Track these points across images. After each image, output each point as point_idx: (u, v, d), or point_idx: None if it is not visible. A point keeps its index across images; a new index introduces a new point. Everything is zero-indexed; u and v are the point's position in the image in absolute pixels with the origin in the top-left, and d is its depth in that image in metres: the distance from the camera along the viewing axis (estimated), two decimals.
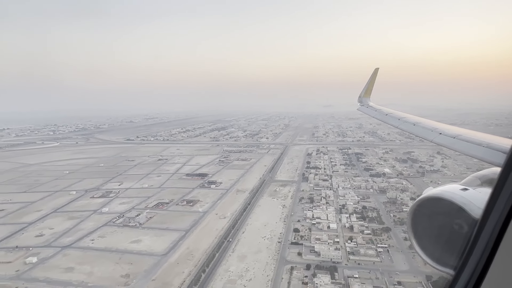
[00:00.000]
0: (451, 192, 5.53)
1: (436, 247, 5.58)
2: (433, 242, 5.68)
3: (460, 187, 5.71)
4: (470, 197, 5.27)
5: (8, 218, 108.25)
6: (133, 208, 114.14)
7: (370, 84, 26.71)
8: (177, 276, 71.37)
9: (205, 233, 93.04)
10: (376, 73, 26.89)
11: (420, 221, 5.95)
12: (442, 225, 5.70)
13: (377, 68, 26.88)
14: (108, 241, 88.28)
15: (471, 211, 4.99)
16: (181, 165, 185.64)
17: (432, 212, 5.80)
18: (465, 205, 5.14)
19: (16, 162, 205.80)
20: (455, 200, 5.30)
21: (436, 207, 5.68)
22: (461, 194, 5.41)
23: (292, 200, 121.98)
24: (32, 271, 73.74)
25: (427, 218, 5.92)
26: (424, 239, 5.79)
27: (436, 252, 5.50)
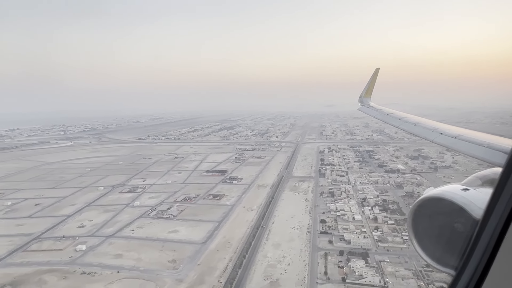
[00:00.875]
0: (452, 192, 5.58)
1: (437, 247, 5.62)
2: (434, 242, 5.73)
3: (461, 187, 5.77)
4: (471, 197, 5.28)
5: (46, 211, 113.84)
6: (163, 202, 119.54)
7: (371, 84, 26.90)
8: (219, 261, 76.75)
9: (237, 224, 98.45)
10: (376, 73, 27.13)
11: (421, 221, 6.00)
12: (443, 226, 5.72)
13: (378, 68, 27.14)
14: (148, 231, 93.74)
15: (472, 212, 4.99)
16: (198, 163, 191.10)
17: (433, 212, 5.85)
18: (466, 205, 5.14)
19: (37, 160, 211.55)
20: (456, 200, 5.32)
21: (437, 207, 5.72)
22: (462, 194, 5.45)
23: (313, 194, 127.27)
24: (85, 257, 79.21)
25: (427, 218, 5.96)
26: (425, 239, 5.85)
27: (437, 253, 5.54)
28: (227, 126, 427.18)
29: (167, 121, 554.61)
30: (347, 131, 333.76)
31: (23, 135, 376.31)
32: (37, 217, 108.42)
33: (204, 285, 67.31)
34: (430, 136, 12.54)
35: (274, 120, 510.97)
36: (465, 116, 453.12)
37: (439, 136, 11.94)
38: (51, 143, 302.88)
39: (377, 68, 26.96)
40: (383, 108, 21.56)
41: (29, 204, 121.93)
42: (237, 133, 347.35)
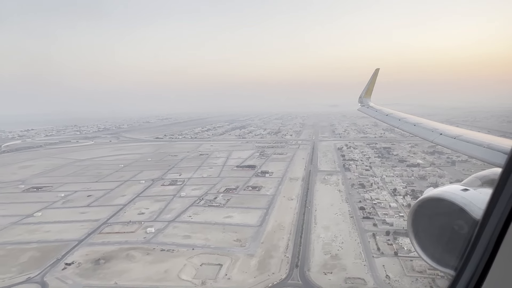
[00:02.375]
0: (452, 192, 5.67)
1: (436, 247, 5.69)
2: (434, 242, 5.80)
3: (460, 187, 5.86)
4: (470, 198, 5.32)
5: (100, 201, 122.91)
6: (207, 193, 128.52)
7: (371, 84, 26.94)
8: (279, 240, 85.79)
9: (283, 210, 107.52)
10: (376, 73, 27.24)
11: (421, 222, 6.09)
12: (443, 226, 5.81)
13: (378, 68, 27.27)
14: (204, 217, 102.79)
15: (472, 212, 5.03)
16: (225, 159, 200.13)
17: (432, 213, 5.94)
18: (465, 205, 5.19)
19: (67, 157, 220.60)
20: (456, 200, 5.38)
21: (437, 208, 5.81)
22: (462, 194, 5.50)
23: (344, 186, 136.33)
24: (157, 238, 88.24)
25: (428, 218, 6.05)
26: (425, 240, 5.93)
27: (437, 253, 5.63)
28: (238, 126, 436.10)
29: (176, 122, 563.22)
30: (358, 129, 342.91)
31: (41, 135, 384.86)
32: (95, 206, 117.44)
33: (273, 259, 76.29)
34: (430, 136, 12.57)
35: (282, 120, 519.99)
36: (470, 115, 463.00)
37: (439, 136, 11.95)
38: (72, 142, 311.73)
39: (377, 68, 27.19)
40: (383, 108, 21.78)
41: (81, 195, 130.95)
42: (251, 132, 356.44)
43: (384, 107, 22.42)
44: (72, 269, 73.27)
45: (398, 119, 17.08)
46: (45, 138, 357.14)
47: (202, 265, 74.04)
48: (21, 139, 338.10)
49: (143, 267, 73.20)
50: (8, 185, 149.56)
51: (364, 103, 25.26)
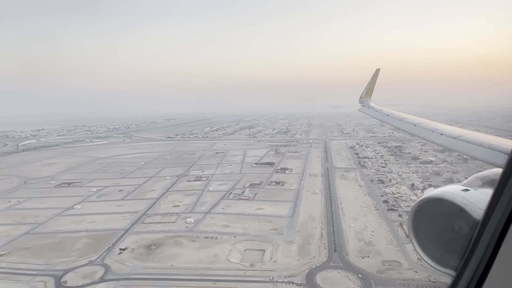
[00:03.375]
0: (452, 193, 5.69)
1: (437, 248, 5.71)
2: (434, 243, 5.82)
3: (461, 187, 5.88)
4: (471, 198, 5.36)
5: (133, 195, 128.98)
6: (233, 188, 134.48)
7: (371, 84, 26.85)
8: (313, 229, 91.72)
9: (310, 203, 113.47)
10: (377, 73, 27.08)
11: (421, 222, 6.12)
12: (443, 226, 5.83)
13: (378, 68, 27.13)
14: (237, 209, 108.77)
15: (472, 212, 5.05)
16: (242, 157, 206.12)
17: (433, 213, 5.96)
18: (466, 206, 5.22)
19: (86, 156, 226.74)
20: (456, 201, 5.41)
21: (437, 208, 5.83)
22: (462, 195, 5.53)
23: (364, 182, 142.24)
24: (198, 227, 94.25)
25: (428, 219, 6.07)
26: (425, 240, 5.96)
27: (437, 253, 5.65)
28: (246, 126, 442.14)
29: (182, 122, 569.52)
30: (366, 129, 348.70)
31: (53, 134, 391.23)
32: (129, 199, 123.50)
33: (311, 245, 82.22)
34: (430, 136, 12.57)
35: (288, 120, 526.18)
36: (474, 115, 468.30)
37: (440, 136, 11.96)
38: (86, 141, 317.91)
39: (377, 68, 27.06)
40: (383, 108, 21.63)
41: (112, 190, 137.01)
42: (260, 132, 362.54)
43: (384, 107, 22.41)
44: (128, 253, 79.28)
45: (399, 119, 17.31)
46: (58, 137, 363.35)
47: (246, 251, 79.91)
48: (36, 139, 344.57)
49: (192, 252, 79.21)
50: (39, 181, 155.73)
51: (365, 104, 25.34)
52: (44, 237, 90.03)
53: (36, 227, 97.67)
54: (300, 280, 66.47)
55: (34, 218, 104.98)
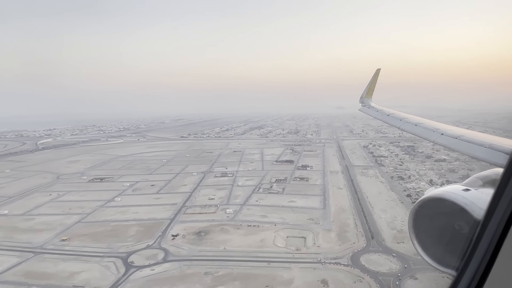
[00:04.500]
0: (453, 192, 5.80)
1: (438, 248, 5.83)
2: (435, 242, 5.95)
3: (462, 187, 6.03)
4: (472, 198, 5.46)
5: (166, 189, 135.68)
6: (261, 183, 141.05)
7: (372, 84, 26.82)
8: (347, 219, 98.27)
9: (338, 197, 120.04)
10: (377, 73, 26.99)
11: (422, 222, 6.26)
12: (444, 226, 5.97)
13: (379, 68, 27.09)
14: (270, 201, 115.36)
15: (473, 212, 5.12)
16: (259, 155, 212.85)
17: (434, 213, 6.13)
18: (467, 205, 5.30)
19: (107, 154, 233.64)
20: (457, 200, 5.51)
21: (438, 208, 5.98)
22: (463, 194, 5.64)
23: (384, 178, 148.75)
24: (238, 217, 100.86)
25: (429, 218, 6.22)
26: (426, 240, 6.09)
27: (438, 253, 5.77)
28: (255, 126, 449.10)
29: (190, 122, 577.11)
30: (375, 130, 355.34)
31: (67, 134, 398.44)
32: (164, 193, 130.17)
33: (348, 233, 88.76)
34: (431, 136, 12.61)
35: (295, 121, 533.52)
36: (480, 117, 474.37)
37: (440, 136, 11.97)
38: (102, 140, 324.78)
39: (378, 68, 27.02)
40: (384, 108, 21.77)
41: (144, 185, 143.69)
42: (270, 132, 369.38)
43: (385, 107, 22.47)
44: (180, 239, 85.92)
45: (399, 119, 17.27)
46: (72, 136, 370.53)
47: (288, 237, 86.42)
48: (51, 138, 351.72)
49: (240, 238, 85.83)
50: (71, 177, 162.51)
51: (365, 103, 25.35)
52: (97, 225, 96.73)
53: (85, 217, 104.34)
54: (346, 262, 73.04)
55: (80, 209, 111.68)
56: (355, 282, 65.13)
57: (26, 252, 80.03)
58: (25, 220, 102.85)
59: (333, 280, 65.38)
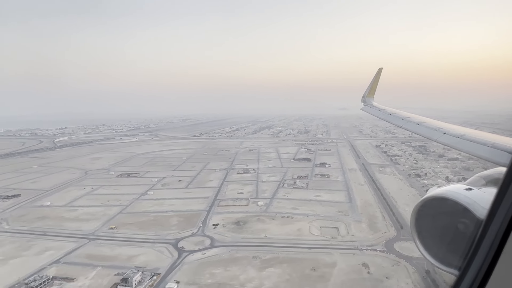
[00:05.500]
0: (456, 192, 5.82)
1: (440, 247, 5.84)
2: (437, 242, 5.95)
3: (464, 187, 6.02)
4: (474, 197, 5.46)
5: (194, 184, 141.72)
6: (284, 179, 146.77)
7: (374, 84, 26.76)
8: (374, 212, 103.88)
9: (361, 192, 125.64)
10: (379, 73, 27.06)
11: (424, 221, 6.26)
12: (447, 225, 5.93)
13: (381, 68, 27.05)
14: (297, 195, 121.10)
15: (476, 211, 5.12)
16: (276, 154, 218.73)
17: (436, 212, 6.09)
18: (469, 205, 5.31)
19: (126, 151, 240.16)
20: (460, 200, 5.51)
21: (441, 207, 5.95)
22: (466, 194, 5.67)
23: (402, 176, 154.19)
24: (270, 209, 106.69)
25: (431, 218, 6.21)
26: (428, 239, 6.09)
27: (440, 253, 5.78)
28: (263, 126, 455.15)
29: (198, 122, 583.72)
30: (384, 130, 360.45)
31: (80, 132, 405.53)
32: (193, 187, 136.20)
33: (377, 224, 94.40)
34: (433, 135, 12.76)
35: (302, 121, 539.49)
36: (487, 118, 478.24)
37: (443, 135, 12.10)
38: (116, 139, 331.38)
39: (380, 68, 26.96)
40: (386, 108, 21.83)
41: (171, 180, 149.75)
42: (280, 132, 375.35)
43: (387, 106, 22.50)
44: (221, 228, 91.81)
45: (402, 118, 17.38)
46: (85, 135, 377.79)
47: (322, 228, 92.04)
48: (66, 136, 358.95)
49: (277, 227, 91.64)
50: (98, 172, 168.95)
51: (367, 103, 25.32)
52: (138, 216, 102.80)
53: (125, 208, 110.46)
54: (381, 248, 78.72)
55: (118, 201, 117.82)
56: (393, 266, 70.76)
57: (80, 239, 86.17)
58: (68, 210, 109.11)
59: (373, 264, 71.03)
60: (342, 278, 65.54)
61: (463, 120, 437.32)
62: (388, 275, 67.12)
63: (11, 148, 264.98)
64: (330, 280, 64.82)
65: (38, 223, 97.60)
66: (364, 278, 65.75)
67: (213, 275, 66.71)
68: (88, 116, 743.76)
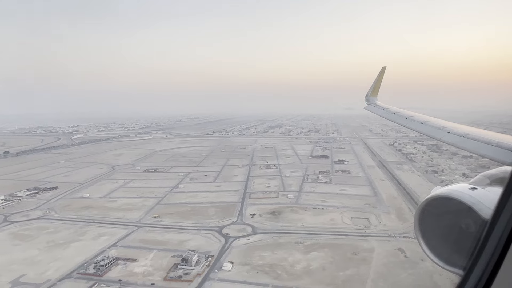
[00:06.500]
0: (460, 191, 5.79)
1: (444, 247, 5.77)
2: (441, 242, 5.89)
3: (469, 186, 6.02)
4: (479, 197, 5.40)
5: (221, 178, 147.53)
6: (306, 174, 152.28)
7: (377, 83, 26.77)
8: (400, 205, 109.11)
9: (384, 187, 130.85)
10: (383, 72, 27.04)
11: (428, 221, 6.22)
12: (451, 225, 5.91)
13: (384, 67, 27.11)
14: (323, 189, 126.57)
15: (481, 211, 5.07)
16: (292, 151, 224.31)
17: (440, 212, 6.06)
18: (474, 204, 5.23)
19: (145, 148, 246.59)
20: (464, 199, 5.45)
21: (445, 207, 5.92)
22: (470, 193, 5.61)
23: (420, 172, 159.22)
24: (300, 201, 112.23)
25: (435, 218, 6.16)
26: (433, 239, 6.04)
27: (445, 252, 5.72)
28: (273, 125, 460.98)
29: (207, 121, 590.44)
30: (394, 129, 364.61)
31: (93, 130, 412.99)
32: (221, 182, 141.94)
33: (405, 215, 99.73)
34: (437, 134, 12.68)
35: (311, 121, 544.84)
36: (494, 118, 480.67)
37: (447, 134, 12.00)
38: (131, 137, 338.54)
39: (384, 66, 27.02)
40: (390, 107, 21.87)
41: (198, 175, 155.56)
42: (291, 131, 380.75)
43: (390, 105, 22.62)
44: (258, 217, 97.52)
45: (405, 118, 17.60)
46: (99, 133, 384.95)
47: (353, 218, 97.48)
48: (82, 134, 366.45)
49: (311, 217, 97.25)
50: (125, 167, 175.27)
51: (371, 102, 25.40)
52: (176, 207, 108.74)
53: (161, 200, 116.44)
54: (413, 236, 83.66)
55: (152, 194, 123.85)
56: None
57: (129, 226, 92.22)
58: (109, 201, 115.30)
59: (408, 249, 76.39)
60: (383, 260, 71.07)
61: (470, 120, 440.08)
62: (423, 258, 72.18)
63: (32, 144, 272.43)
64: (371, 262, 70.35)
65: (84, 212, 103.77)
66: (402, 261, 71.21)
67: (262, 257, 72.44)
68: (95, 115, 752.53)
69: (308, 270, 66.96)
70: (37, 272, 66.76)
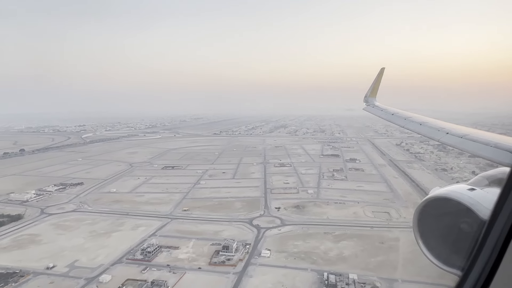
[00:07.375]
0: (459, 192, 5.78)
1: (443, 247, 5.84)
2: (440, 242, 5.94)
3: (467, 187, 6.02)
4: (477, 198, 5.40)
5: (238, 175, 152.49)
6: (320, 172, 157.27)
7: (376, 84, 26.81)
8: (417, 200, 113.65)
9: (398, 183, 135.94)
10: (382, 73, 27.12)
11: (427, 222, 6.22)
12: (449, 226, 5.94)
13: (383, 68, 27.14)
14: (340, 186, 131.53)
15: (479, 212, 5.08)
16: (302, 150, 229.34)
17: (439, 213, 6.05)
18: (472, 205, 5.25)
19: (157, 147, 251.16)
20: (463, 200, 5.45)
21: (443, 208, 5.93)
22: (469, 194, 5.61)
23: (430, 170, 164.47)
24: (320, 196, 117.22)
25: (434, 218, 6.17)
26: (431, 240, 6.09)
27: (443, 253, 5.77)
28: (278, 125, 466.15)
29: (211, 121, 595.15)
30: (399, 130, 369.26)
31: (101, 130, 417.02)
32: (240, 178, 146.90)
33: None
34: (436, 135, 12.76)
35: (314, 121, 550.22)
36: (496, 120, 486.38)
37: (446, 135, 12.10)
38: (140, 136, 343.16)
39: (382, 67, 27.12)
40: (388, 107, 22.07)
41: (215, 172, 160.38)
42: (297, 131, 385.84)
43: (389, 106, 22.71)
44: (283, 211, 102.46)
45: (404, 119, 17.56)
46: (107, 132, 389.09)
47: (374, 212, 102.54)
48: (92, 133, 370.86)
49: (334, 211, 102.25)
50: (142, 165, 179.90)
51: (370, 103, 25.46)
52: (202, 201, 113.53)
53: (186, 195, 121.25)
54: None
55: (176, 189, 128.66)
56: None
57: (163, 218, 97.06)
58: (136, 196, 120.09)
59: None
60: (409, 248, 75.80)
61: (472, 121, 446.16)
62: None
63: (43, 143, 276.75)
64: (399, 250, 75.37)
65: (116, 206, 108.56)
66: None
67: (296, 246, 77.39)
68: (97, 115, 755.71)
69: (341, 257, 71.97)
70: (89, 258, 71.56)
